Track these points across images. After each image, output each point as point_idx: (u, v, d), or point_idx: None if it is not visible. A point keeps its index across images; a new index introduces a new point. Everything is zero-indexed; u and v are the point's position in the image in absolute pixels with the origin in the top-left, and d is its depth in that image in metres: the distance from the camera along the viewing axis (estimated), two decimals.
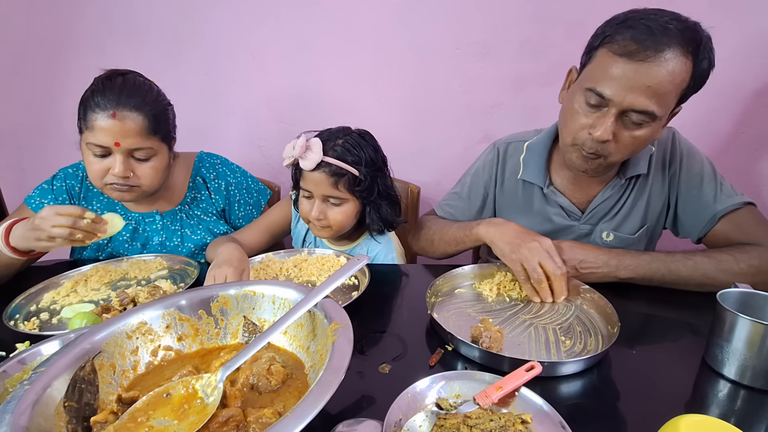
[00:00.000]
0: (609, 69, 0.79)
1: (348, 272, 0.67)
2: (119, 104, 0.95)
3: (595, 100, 0.81)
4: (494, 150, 1.12)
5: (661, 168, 0.98)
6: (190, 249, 1.17)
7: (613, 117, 0.80)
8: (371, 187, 1.04)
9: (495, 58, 1.46)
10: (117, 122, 0.95)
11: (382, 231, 1.13)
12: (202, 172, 1.21)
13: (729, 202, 0.92)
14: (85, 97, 0.98)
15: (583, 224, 1.03)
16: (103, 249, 1.16)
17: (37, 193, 1.11)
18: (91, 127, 0.96)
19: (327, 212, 1.04)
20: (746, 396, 0.62)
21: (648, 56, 0.75)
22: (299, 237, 1.23)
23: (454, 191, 1.19)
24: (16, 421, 0.44)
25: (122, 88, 0.97)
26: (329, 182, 1.00)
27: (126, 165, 0.98)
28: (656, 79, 0.76)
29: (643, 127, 0.81)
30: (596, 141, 0.83)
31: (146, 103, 0.99)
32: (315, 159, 0.97)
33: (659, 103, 0.78)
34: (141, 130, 0.98)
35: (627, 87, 0.77)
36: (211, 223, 1.20)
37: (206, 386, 0.55)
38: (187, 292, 0.69)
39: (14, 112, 1.65)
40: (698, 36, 0.77)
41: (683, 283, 0.88)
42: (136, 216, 1.15)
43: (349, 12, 1.45)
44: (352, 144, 1.01)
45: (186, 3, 1.49)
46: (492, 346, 0.69)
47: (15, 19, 1.53)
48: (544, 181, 1.04)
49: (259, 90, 1.59)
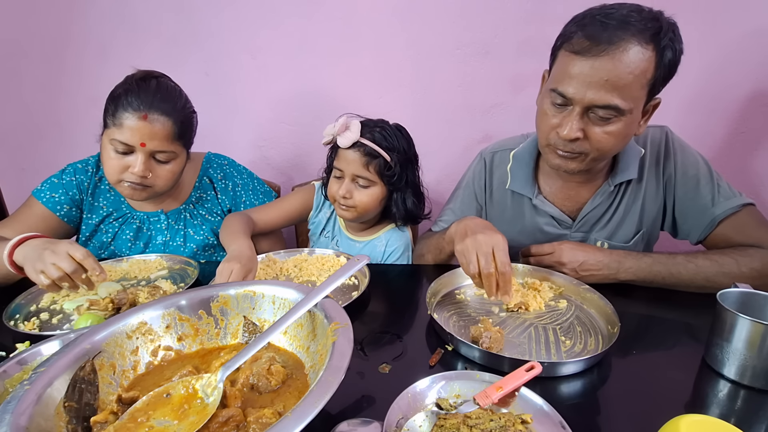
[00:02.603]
0: (567, 68, 0.80)
1: (348, 272, 0.67)
2: (152, 107, 0.96)
3: (559, 100, 0.82)
4: (481, 161, 1.11)
5: (655, 170, 0.96)
6: (192, 249, 1.17)
7: (578, 115, 0.80)
8: (401, 175, 1.09)
9: (495, 58, 1.46)
10: (147, 124, 0.96)
11: (405, 222, 1.17)
12: (209, 173, 1.21)
13: (728, 205, 0.91)
14: (117, 94, 0.98)
15: (575, 233, 1.02)
16: (105, 248, 1.16)
17: (47, 186, 1.10)
18: (120, 125, 0.96)
19: (354, 192, 1.08)
20: (746, 396, 0.62)
21: (601, 50, 0.75)
22: (319, 225, 1.25)
23: (448, 207, 1.17)
24: (16, 421, 0.44)
25: (156, 92, 0.98)
26: (361, 162, 1.05)
27: (146, 165, 0.99)
28: (613, 72, 0.75)
29: (612, 122, 0.80)
30: (565, 140, 0.83)
31: (176, 109, 1.01)
32: (352, 138, 1.04)
33: (622, 96, 0.77)
34: (168, 135, 0.99)
35: (585, 84, 0.78)
36: (215, 224, 1.20)
37: (206, 386, 0.55)
38: (187, 292, 0.69)
39: (14, 112, 1.65)
40: (657, 24, 0.76)
41: (684, 285, 0.88)
42: (141, 215, 1.15)
43: (350, 12, 1.45)
44: (389, 133, 1.08)
45: (186, 3, 1.49)
46: (492, 347, 0.69)
47: (15, 19, 1.53)
48: (532, 191, 1.02)
49: (260, 90, 1.59)
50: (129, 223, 1.15)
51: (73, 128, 1.63)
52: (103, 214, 1.14)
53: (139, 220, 1.15)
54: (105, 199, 1.15)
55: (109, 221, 1.15)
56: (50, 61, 1.58)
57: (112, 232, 1.15)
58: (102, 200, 1.14)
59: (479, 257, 0.77)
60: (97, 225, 1.15)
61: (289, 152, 1.67)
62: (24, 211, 1.09)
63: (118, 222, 1.15)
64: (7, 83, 1.61)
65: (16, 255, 0.86)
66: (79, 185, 1.12)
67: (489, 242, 0.77)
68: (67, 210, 1.10)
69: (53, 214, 1.09)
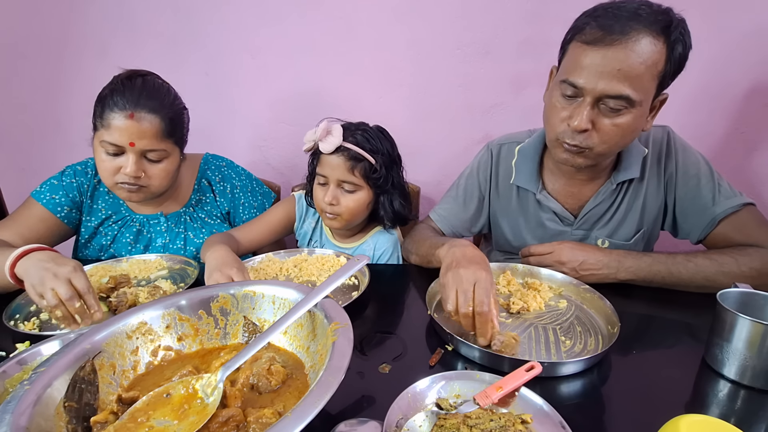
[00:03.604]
0: (579, 59, 0.80)
1: (348, 272, 0.67)
2: (138, 105, 0.96)
3: (570, 91, 0.82)
4: (488, 151, 1.11)
5: (656, 170, 0.97)
6: (192, 253, 1.17)
7: (589, 105, 0.80)
8: (386, 177, 1.08)
9: (495, 58, 1.46)
10: (134, 123, 0.95)
11: (394, 224, 1.15)
12: (207, 175, 1.21)
13: (728, 204, 0.91)
14: (103, 95, 0.98)
15: (576, 230, 1.02)
16: (105, 250, 1.16)
17: (47, 188, 1.09)
18: (108, 126, 0.96)
19: (340, 198, 1.06)
20: (746, 396, 0.62)
21: (614, 40, 0.76)
22: (305, 237, 1.23)
23: (448, 195, 1.16)
24: (16, 421, 0.44)
25: (142, 90, 0.97)
26: (346, 167, 1.03)
27: (138, 165, 0.99)
28: (625, 62, 0.76)
29: (622, 114, 0.80)
30: (575, 131, 0.82)
31: (164, 106, 1.00)
32: (335, 142, 1.01)
33: (633, 87, 0.77)
34: (157, 133, 0.98)
35: (597, 73, 0.78)
36: (214, 227, 1.19)
37: (206, 386, 0.55)
38: (187, 292, 0.69)
39: (14, 112, 1.65)
40: (668, 18, 0.77)
41: (684, 285, 0.88)
42: (140, 218, 1.15)
43: (350, 12, 1.45)
44: (371, 135, 1.06)
45: (186, 3, 1.49)
46: (503, 351, 0.69)
47: (16, 19, 1.53)
48: (536, 187, 1.02)
49: (260, 90, 1.59)
50: (128, 226, 1.15)
51: (72, 128, 1.63)
52: (102, 217, 1.14)
53: (138, 222, 1.15)
54: (104, 201, 1.14)
55: (108, 224, 1.15)
56: (50, 61, 1.58)
57: (111, 235, 1.15)
58: (101, 203, 1.14)
59: (458, 294, 0.71)
60: (96, 228, 1.14)
61: (288, 152, 1.67)
62: (23, 213, 1.08)
63: (118, 225, 1.15)
64: (7, 83, 1.61)
65: (18, 268, 0.82)
66: (79, 187, 1.11)
67: (471, 279, 0.71)
68: (67, 211, 1.10)
69: (53, 215, 1.08)
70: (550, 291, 0.89)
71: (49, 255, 0.82)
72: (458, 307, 0.70)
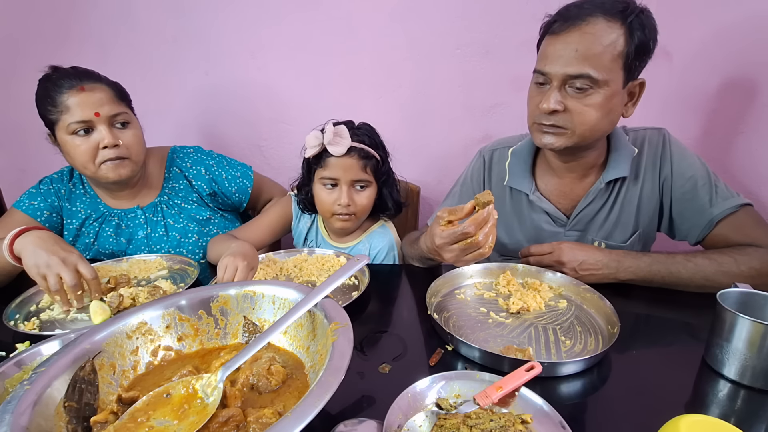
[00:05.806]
0: (545, 49, 0.87)
1: (348, 272, 0.67)
2: (83, 79, 1.01)
3: (540, 78, 0.88)
4: (480, 158, 1.13)
5: (652, 171, 0.97)
6: (175, 238, 1.19)
7: (556, 89, 0.85)
8: (388, 170, 1.12)
9: (495, 58, 1.46)
10: (88, 94, 1.00)
11: (397, 213, 1.17)
12: (177, 163, 1.23)
13: (725, 205, 0.91)
14: (43, 92, 1.01)
15: (569, 230, 1.03)
16: (89, 248, 1.18)
17: (26, 197, 1.13)
18: (66, 108, 0.99)
19: (354, 198, 1.07)
20: (746, 396, 0.62)
21: (569, 25, 0.83)
22: (301, 235, 1.23)
23: (444, 203, 1.18)
24: (16, 421, 0.44)
25: (75, 70, 1.03)
26: (359, 166, 1.04)
27: (113, 134, 1.02)
28: (582, 43, 0.82)
29: (590, 94, 0.84)
30: (545, 113, 0.87)
31: (101, 77, 1.05)
32: (346, 144, 1.02)
33: (593, 66, 0.81)
34: (112, 97, 1.03)
35: (558, 57, 0.84)
36: (192, 210, 1.22)
37: (206, 386, 0.55)
38: (187, 292, 0.69)
39: (14, 112, 1.65)
40: (624, 4, 0.82)
41: (683, 284, 0.88)
42: (118, 213, 1.17)
43: (349, 12, 1.45)
44: (369, 131, 1.08)
45: (186, 3, 1.48)
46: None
47: (16, 18, 1.53)
48: (529, 187, 1.03)
49: (259, 90, 1.59)
50: (108, 222, 1.17)
51: None
52: (82, 218, 1.16)
53: (117, 217, 1.17)
54: (81, 202, 1.17)
55: (89, 223, 1.17)
56: (50, 61, 1.55)
57: (93, 233, 1.17)
58: (79, 204, 1.16)
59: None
60: (79, 229, 1.17)
61: (288, 152, 1.67)
62: (5, 221, 1.11)
63: (98, 222, 1.17)
64: (7, 83, 1.61)
65: (17, 245, 0.87)
66: (56, 192, 1.15)
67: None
68: (47, 216, 1.13)
69: (33, 220, 1.11)
70: (550, 291, 0.89)
71: (50, 235, 0.89)
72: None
